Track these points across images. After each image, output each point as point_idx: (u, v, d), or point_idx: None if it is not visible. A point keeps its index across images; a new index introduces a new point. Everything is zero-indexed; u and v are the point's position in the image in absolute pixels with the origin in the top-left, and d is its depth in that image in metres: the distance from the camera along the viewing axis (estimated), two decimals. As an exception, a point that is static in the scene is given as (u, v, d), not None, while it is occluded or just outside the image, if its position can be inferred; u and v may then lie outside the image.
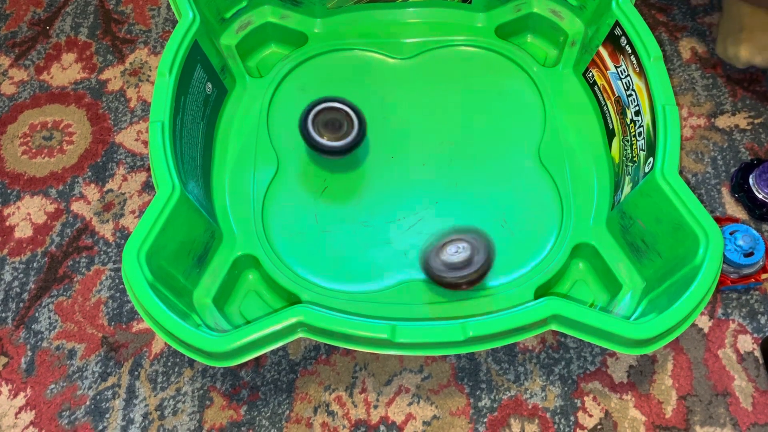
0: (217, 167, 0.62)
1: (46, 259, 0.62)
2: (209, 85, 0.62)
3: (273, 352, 0.57)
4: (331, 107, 0.60)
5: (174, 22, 0.77)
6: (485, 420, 0.54)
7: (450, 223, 0.59)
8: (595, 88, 0.64)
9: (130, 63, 0.74)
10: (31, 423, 0.55)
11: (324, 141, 0.59)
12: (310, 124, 0.59)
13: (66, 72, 0.74)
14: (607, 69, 0.62)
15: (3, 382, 0.57)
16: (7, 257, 0.63)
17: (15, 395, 0.56)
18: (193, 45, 0.59)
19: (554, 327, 0.48)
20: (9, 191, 0.66)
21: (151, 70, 0.74)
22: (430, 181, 0.62)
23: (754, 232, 0.57)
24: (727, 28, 0.67)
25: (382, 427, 0.54)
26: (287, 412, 0.55)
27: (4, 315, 0.60)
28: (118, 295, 0.60)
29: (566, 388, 0.55)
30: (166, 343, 0.58)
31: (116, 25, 0.77)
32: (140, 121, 0.70)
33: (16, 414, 0.55)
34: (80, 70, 0.74)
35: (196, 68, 0.59)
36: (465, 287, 0.53)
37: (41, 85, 0.73)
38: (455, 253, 0.53)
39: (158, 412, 0.55)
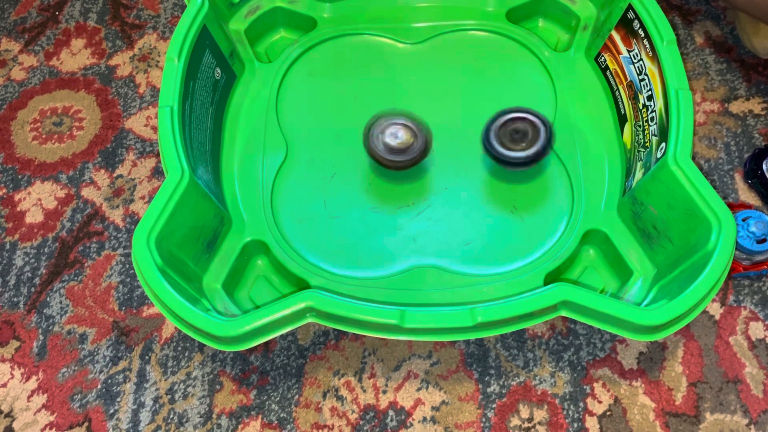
0: (226, 153, 0.62)
1: (57, 244, 0.63)
2: (218, 70, 0.62)
3: (282, 337, 0.57)
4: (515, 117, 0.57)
5: (182, 7, 0.77)
6: (494, 406, 0.54)
7: (458, 209, 0.59)
8: (607, 72, 0.63)
9: (139, 48, 0.74)
10: (44, 406, 0.56)
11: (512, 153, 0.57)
12: (494, 137, 0.57)
13: (75, 58, 0.74)
14: (619, 53, 0.62)
15: (15, 366, 0.57)
16: (19, 242, 0.63)
17: (27, 379, 0.57)
18: (202, 30, 0.58)
19: (564, 313, 0.48)
20: (20, 177, 0.67)
21: (160, 56, 0.74)
22: (439, 166, 0.61)
23: (768, 218, 0.56)
24: (745, 18, 0.66)
25: (390, 412, 0.54)
26: (296, 396, 0.55)
27: (15, 299, 0.60)
28: (128, 280, 0.61)
29: (575, 375, 0.55)
30: (176, 328, 0.58)
31: (125, 10, 0.77)
32: (149, 107, 0.70)
33: (29, 397, 0.56)
34: (89, 55, 0.74)
35: (204, 53, 0.59)
36: (399, 169, 0.58)
37: (51, 70, 0.73)
38: (395, 137, 0.57)
39: (169, 396, 0.55)
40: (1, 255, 0.62)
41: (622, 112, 0.61)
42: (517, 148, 0.57)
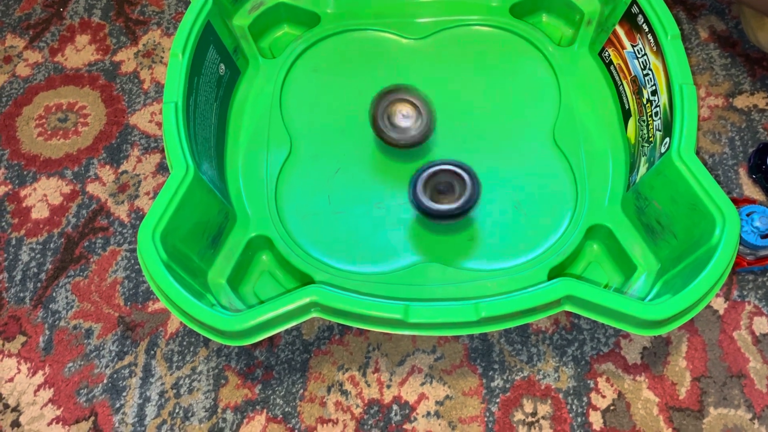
0: (231, 148, 0.62)
1: (62, 239, 0.63)
2: (222, 66, 0.62)
3: (287, 332, 0.58)
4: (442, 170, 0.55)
5: (187, 3, 0.77)
6: (498, 400, 0.54)
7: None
8: (611, 67, 0.63)
9: (144, 44, 0.74)
10: (50, 400, 0.56)
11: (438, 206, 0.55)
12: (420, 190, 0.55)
13: (80, 54, 0.74)
14: (623, 48, 0.61)
15: (22, 361, 0.58)
16: (25, 238, 0.63)
17: (34, 373, 0.57)
18: (206, 26, 0.58)
19: (568, 308, 0.48)
20: (25, 173, 0.67)
21: (164, 52, 0.74)
22: (443, 162, 0.61)
23: (772, 213, 0.56)
24: (749, 12, 0.66)
25: (395, 407, 0.55)
26: (301, 391, 0.55)
27: (22, 295, 0.61)
28: (133, 275, 0.61)
29: (579, 369, 0.55)
30: (181, 323, 0.58)
31: (129, 6, 0.77)
32: (154, 103, 0.70)
33: (35, 392, 0.56)
34: (94, 51, 0.74)
35: (208, 49, 0.59)
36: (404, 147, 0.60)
37: (56, 66, 0.73)
38: (403, 117, 0.58)
39: (174, 391, 0.56)
40: (8, 250, 0.63)
41: (626, 107, 0.61)
42: (445, 201, 0.55)
